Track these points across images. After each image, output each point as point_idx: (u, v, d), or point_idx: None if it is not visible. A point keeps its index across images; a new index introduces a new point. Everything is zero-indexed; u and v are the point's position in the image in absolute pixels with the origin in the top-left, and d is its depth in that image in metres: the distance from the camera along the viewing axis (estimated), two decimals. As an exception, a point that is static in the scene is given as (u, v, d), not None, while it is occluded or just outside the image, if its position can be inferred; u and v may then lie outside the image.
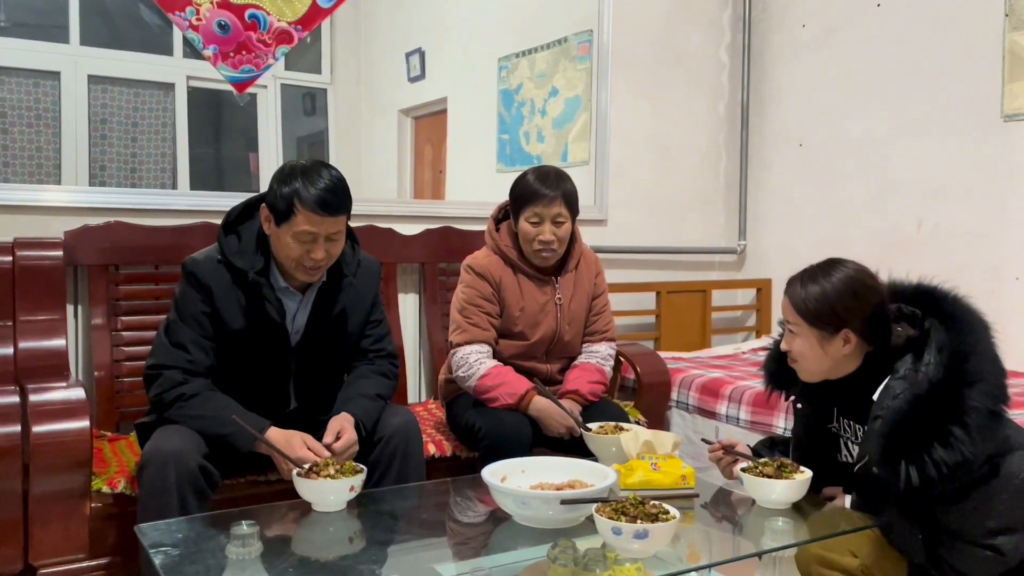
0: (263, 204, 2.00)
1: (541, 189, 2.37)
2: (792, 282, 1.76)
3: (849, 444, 1.81)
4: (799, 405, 1.90)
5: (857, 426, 1.77)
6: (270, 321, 2.03)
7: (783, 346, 1.80)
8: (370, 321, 2.25)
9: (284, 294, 2.07)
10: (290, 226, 1.93)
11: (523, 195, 2.40)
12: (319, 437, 2.05)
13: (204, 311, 2.01)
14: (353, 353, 2.24)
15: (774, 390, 1.97)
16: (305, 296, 2.11)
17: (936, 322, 1.65)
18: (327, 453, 1.91)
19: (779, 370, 1.91)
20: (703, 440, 2.11)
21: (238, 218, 2.05)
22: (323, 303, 2.12)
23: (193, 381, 1.98)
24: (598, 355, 2.55)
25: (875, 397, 1.67)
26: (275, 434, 1.93)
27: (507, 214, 2.51)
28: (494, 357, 2.42)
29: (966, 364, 1.59)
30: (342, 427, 1.99)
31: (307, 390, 2.17)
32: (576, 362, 2.55)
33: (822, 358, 1.72)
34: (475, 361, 2.37)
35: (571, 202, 2.41)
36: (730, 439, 2.00)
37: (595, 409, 2.42)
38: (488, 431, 2.26)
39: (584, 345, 2.57)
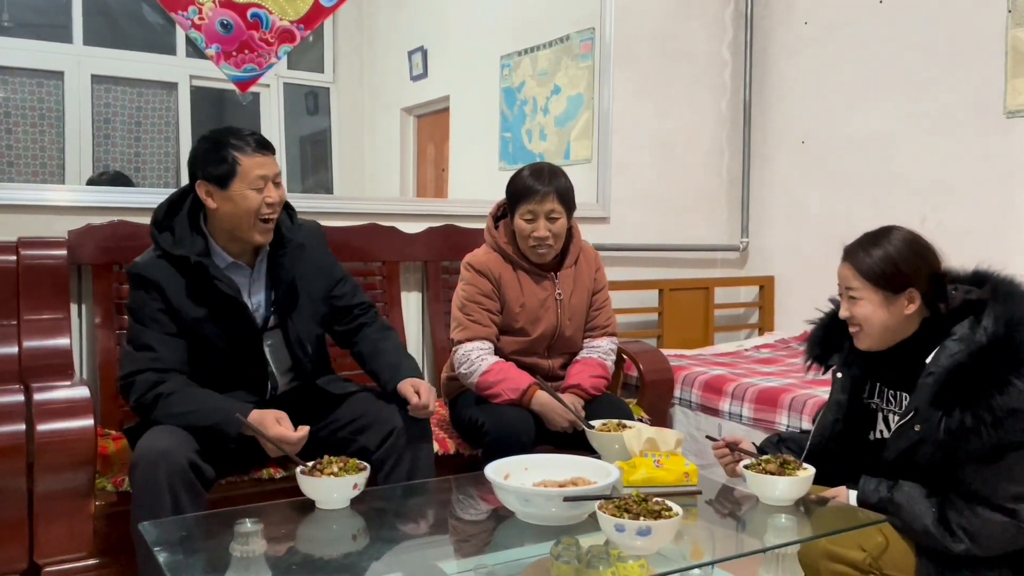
0: (198, 182, 2.04)
1: (535, 186, 2.38)
2: (852, 249, 1.79)
3: (889, 417, 1.82)
4: (839, 375, 1.91)
5: (902, 394, 1.79)
6: (226, 299, 2.04)
7: (842, 314, 1.80)
8: (337, 280, 2.29)
9: (232, 271, 2.10)
10: (241, 179, 2.01)
11: (517, 192, 2.42)
12: (325, 407, 2.13)
13: (160, 308, 2.03)
14: (332, 315, 2.27)
15: (814, 362, 1.98)
16: (255, 270, 2.13)
17: (992, 300, 1.68)
18: (297, 436, 1.93)
19: (825, 339, 1.94)
20: (707, 437, 2.11)
21: (166, 215, 2.08)
22: (276, 270, 2.14)
23: (168, 380, 1.99)
24: (600, 350, 2.56)
25: (928, 360, 1.69)
26: (253, 415, 1.94)
27: (506, 212, 2.52)
28: (496, 354, 2.43)
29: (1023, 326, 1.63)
30: (418, 385, 2.09)
31: (292, 364, 2.19)
32: (578, 357, 2.56)
33: (886, 319, 1.73)
34: (476, 358, 2.38)
35: (565, 198, 2.42)
36: (734, 436, 2.00)
37: (599, 404, 2.43)
38: (492, 427, 2.27)
39: (585, 341, 2.58)
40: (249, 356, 2.12)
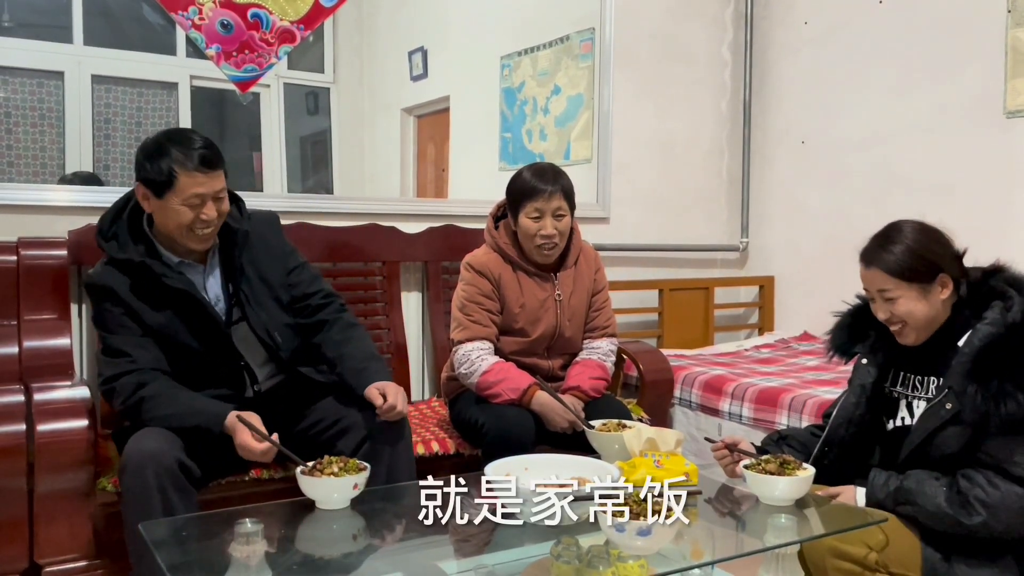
0: (137, 183, 2.00)
1: (540, 185, 2.39)
2: (871, 252, 1.78)
3: (913, 403, 1.82)
4: (864, 360, 1.91)
5: (930, 379, 1.79)
6: (181, 296, 2.02)
7: (881, 316, 1.79)
8: (292, 268, 2.24)
9: (183, 268, 2.07)
10: (176, 193, 1.95)
11: (522, 191, 2.41)
12: (308, 399, 2.12)
13: (123, 313, 2.01)
14: (293, 305, 2.22)
15: (836, 352, 1.98)
16: (207, 266, 2.11)
17: (1017, 290, 1.71)
18: (260, 447, 1.87)
19: (852, 325, 1.94)
20: (706, 439, 2.11)
21: (112, 223, 2.06)
22: (229, 262, 2.11)
23: (152, 382, 1.97)
24: (599, 351, 2.56)
25: (960, 343, 1.70)
26: (229, 419, 1.92)
27: (506, 212, 2.52)
28: (496, 354, 2.43)
29: None
30: (384, 388, 2.05)
31: (267, 355, 2.17)
32: (577, 359, 2.56)
33: (927, 310, 1.74)
34: (477, 358, 2.38)
35: (569, 196, 2.43)
36: (733, 437, 2.00)
37: (598, 405, 2.43)
38: (491, 427, 2.27)
39: (585, 341, 2.58)
40: (221, 352, 2.09)
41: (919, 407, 1.79)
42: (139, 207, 2.05)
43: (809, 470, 1.75)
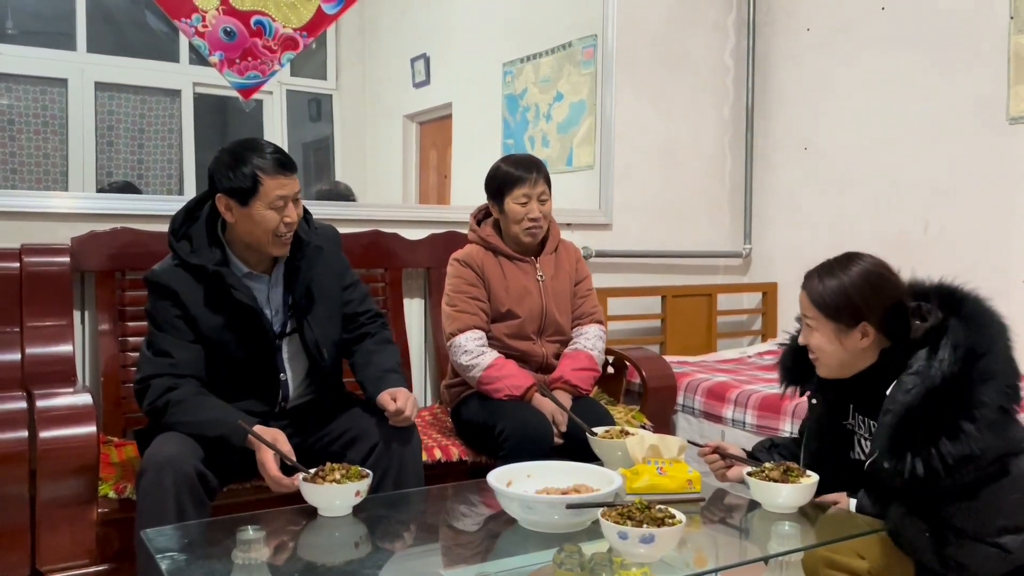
0: (218, 195, 2.02)
1: (525, 173, 2.52)
2: (810, 276, 1.77)
3: (862, 441, 1.81)
4: (814, 400, 1.89)
5: (871, 422, 1.77)
6: (243, 308, 2.04)
7: (801, 340, 1.79)
8: (347, 286, 2.27)
9: (249, 279, 2.09)
10: (260, 198, 1.98)
11: (508, 179, 2.52)
12: (326, 419, 2.12)
13: (178, 315, 2.03)
14: (343, 322, 2.25)
15: (789, 385, 1.96)
16: (272, 276, 2.13)
17: (955, 321, 1.64)
18: (281, 478, 1.85)
19: (796, 364, 1.91)
20: (689, 442, 2.11)
21: (183, 223, 2.08)
22: (293, 274, 2.13)
23: (181, 386, 1.98)
24: (588, 340, 2.61)
25: (887, 393, 1.66)
26: (259, 431, 1.92)
27: (486, 214, 2.64)
28: (491, 342, 2.50)
29: (980, 362, 1.59)
30: (395, 393, 2.06)
31: (308, 369, 2.18)
32: (567, 349, 2.61)
33: (840, 352, 1.72)
34: (476, 348, 2.44)
35: (549, 181, 2.57)
36: (717, 442, 2.00)
37: (580, 409, 2.42)
38: (511, 432, 2.29)
39: (574, 329, 2.65)
40: (263, 365, 2.11)
41: (868, 445, 1.77)
42: (214, 212, 2.06)
43: (812, 477, 1.74)
